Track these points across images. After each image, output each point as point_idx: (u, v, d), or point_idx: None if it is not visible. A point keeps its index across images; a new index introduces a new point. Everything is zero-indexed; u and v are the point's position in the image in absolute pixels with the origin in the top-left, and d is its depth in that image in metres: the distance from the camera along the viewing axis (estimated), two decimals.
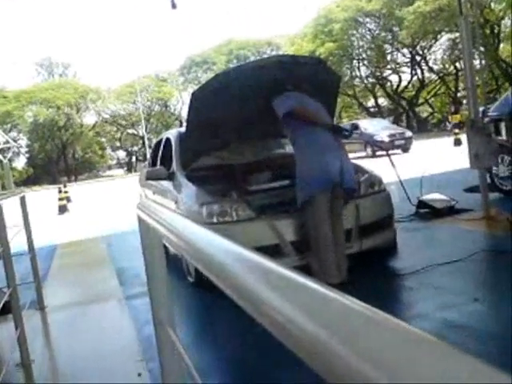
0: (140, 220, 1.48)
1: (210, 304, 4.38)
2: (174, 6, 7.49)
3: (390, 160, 7.61)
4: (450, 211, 6.78)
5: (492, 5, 32.20)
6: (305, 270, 4.32)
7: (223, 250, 0.69)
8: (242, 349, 3.49)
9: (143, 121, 49.88)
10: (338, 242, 4.47)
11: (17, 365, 3.46)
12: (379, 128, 24.69)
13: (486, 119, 7.30)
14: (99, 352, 3.80)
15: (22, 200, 4.75)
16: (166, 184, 5.87)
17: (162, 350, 1.46)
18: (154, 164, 7.13)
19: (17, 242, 4.27)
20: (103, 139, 58.18)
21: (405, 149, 23.41)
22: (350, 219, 4.76)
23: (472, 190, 7.48)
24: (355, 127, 25.44)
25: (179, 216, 1.16)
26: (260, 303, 0.51)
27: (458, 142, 20.10)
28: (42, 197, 24.10)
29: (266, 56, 41.01)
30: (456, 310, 3.63)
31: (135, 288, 5.35)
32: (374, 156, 21.88)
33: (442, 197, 7.22)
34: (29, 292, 4.94)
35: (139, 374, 3.23)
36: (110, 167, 63.03)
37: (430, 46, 41.53)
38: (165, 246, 1.45)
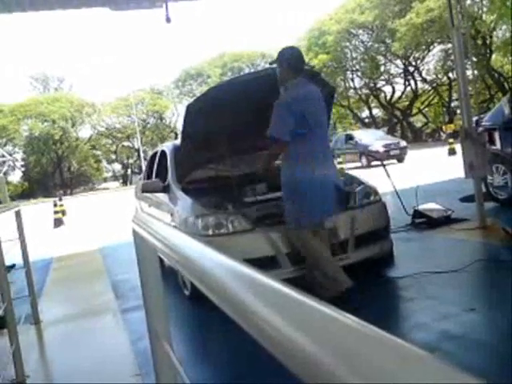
0: (135, 233, 1.47)
1: (205, 317, 4.36)
2: (168, 20, 7.53)
3: (385, 170, 7.65)
4: (445, 221, 6.79)
5: (483, 16, 32.48)
6: (301, 281, 4.31)
7: (217, 264, 0.69)
8: (238, 363, 3.47)
9: (138, 133, 49.93)
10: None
11: (11, 380, 3.43)
12: (374, 138, 24.80)
13: (480, 129, 7.34)
14: (95, 367, 3.77)
15: (18, 214, 4.73)
16: (162, 196, 5.87)
17: (157, 364, 1.45)
18: (149, 177, 7.12)
19: (12, 256, 4.25)
20: (99, 152, 58.14)
21: (399, 159, 23.49)
22: (346, 230, 4.77)
23: (467, 199, 7.50)
24: (350, 138, 25.65)
25: (174, 229, 1.16)
26: (253, 316, 0.51)
27: (452, 152, 20.19)
28: (38, 210, 24.02)
29: (260, 68, 41.21)
30: (453, 319, 3.62)
31: (131, 301, 5.32)
32: (369, 166, 21.95)
33: (438, 206, 7.23)
34: (24, 306, 4.91)
35: None
36: (105, 180, 62.96)
37: (423, 57, 41.84)
38: (160, 259, 1.44)
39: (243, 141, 5.63)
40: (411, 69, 42.64)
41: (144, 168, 9.19)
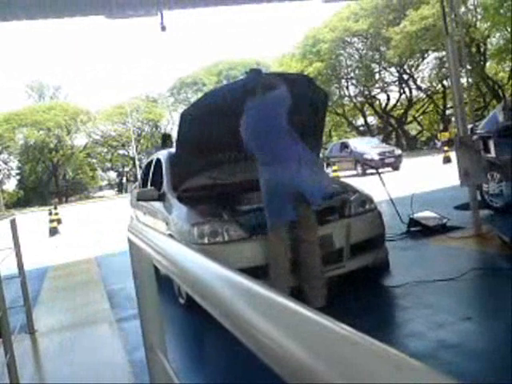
0: (130, 243, 1.47)
1: (201, 326, 4.35)
2: (163, 28, 7.55)
3: (381, 178, 7.67)
4: (441, 229, 6.79)
5: (477, 24, 32.69)
6: (297, 290, 4.30)
7: (212, 273, 0.69)
8: (232, 371, 3.46)
9: (134, 141, 49.92)
10: (313, 273, 4.36)
11: None
12: (369, 146, 24.85)
13: (475, 136, 7.36)
14: (90, 376, 3.74)
15: (13, 222, 4.71)
16: (157, 205, 5.85)
17: (152, 375, 1.45)
18: (144, 185, 7.11)
19: (7, 265, 4.23)
20: (94, 160, 58.09)
21: (395, 167, 23.53)
22: (341, 238, 4.76)
23: (463, 207, 7.51)
24: (345, 146, 25.71)
25: (169, 238, 1.15)
26: (247, 326, 0.51)
27: (447, 160, 20.24)
28: (33, 219, 23.92)
29: None
30: (449, 328, 3.62)
31: (127, 310, 5.30)
32: (364, 174, 21.99)
33: (433, 215, 7.23)
34: (19, 316, 4.88)
35: None
36: (100, 188, 62.84)
37: (418, 65, 42.01)
38: (156, 267, 1.44)
39: (238, 147, 5.62)
40: (406, 77, 42.81)
41: (139, 176, 9.17)
